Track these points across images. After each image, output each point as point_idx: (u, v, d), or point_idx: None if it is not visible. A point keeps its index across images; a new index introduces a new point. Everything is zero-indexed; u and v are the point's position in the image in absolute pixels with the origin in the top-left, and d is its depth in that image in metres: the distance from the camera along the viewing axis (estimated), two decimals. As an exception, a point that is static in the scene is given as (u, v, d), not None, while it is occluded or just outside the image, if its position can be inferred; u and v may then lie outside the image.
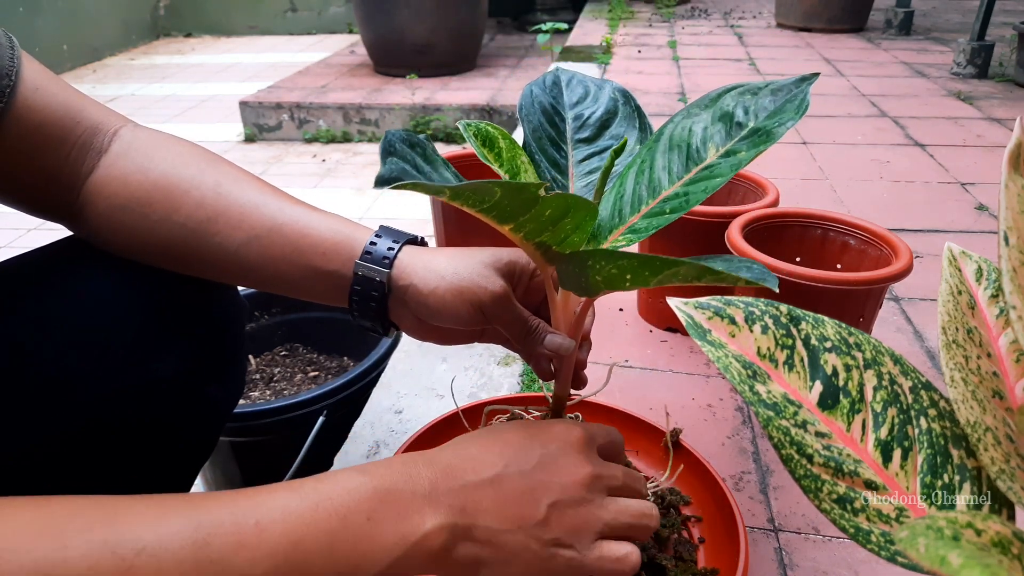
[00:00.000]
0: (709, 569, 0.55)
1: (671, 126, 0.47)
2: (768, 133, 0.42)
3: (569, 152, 0.52)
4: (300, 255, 0.50)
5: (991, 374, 0.32)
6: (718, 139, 0.44)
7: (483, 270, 0.48)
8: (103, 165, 0.49)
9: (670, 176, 0.45)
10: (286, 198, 0.52)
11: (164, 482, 0.64)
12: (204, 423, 0.63)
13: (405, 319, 0.52)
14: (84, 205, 0.50)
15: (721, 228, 0.78)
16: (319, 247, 0.50)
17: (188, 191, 0.49)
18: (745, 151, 0.43)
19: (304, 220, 0.50)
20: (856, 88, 2.32)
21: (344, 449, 0.76)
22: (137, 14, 5.05)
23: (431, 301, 0.48)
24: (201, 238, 0.49)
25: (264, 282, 0.51)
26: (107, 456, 0.56)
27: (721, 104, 0.46)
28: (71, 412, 0.50)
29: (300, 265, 0.50)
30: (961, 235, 1.29)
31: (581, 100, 0.54)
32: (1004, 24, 3.10)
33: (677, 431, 0.67)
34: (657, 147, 0.47)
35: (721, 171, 0.43)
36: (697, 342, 0.34)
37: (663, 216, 0.43)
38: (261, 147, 3.01)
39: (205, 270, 0.52)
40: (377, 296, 0.49)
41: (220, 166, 0.52)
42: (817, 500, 0.30)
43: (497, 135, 0.46)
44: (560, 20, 3.11)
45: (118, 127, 0.51)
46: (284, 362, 1.16)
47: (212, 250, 0.50)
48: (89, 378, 0.50)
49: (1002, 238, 0.26)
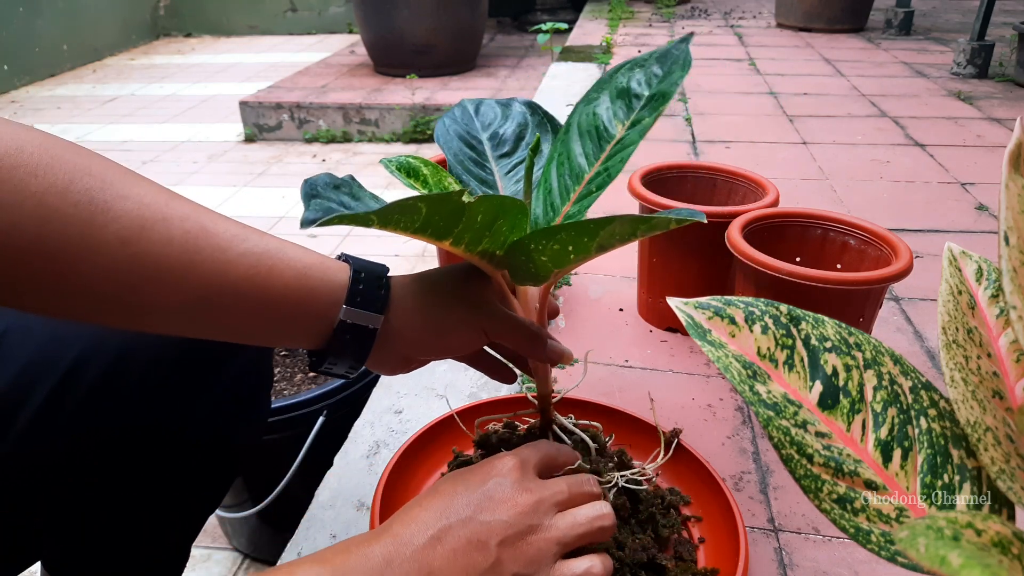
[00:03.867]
0: (709, 569, 0.55)
1: (576, 116, 0.49)
2: (663, 95, 0.44)
3: (493, 168, 0.54)
4: (266, 309, 0.41)
5: (991, 374, 0.32)
6: (622, 114, 0.46)
7: (472, 292, 0.47)
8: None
9: (588, 160, 0.47)
10: (228, 228, 0.40)
11: (177, 519, 0.64)
12: (229, 454, 0.63)
13: (386, 358, 0.48)
14: None
15: (721, 228, 0.78)
16: (289, 298, 0.42)
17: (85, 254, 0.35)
18: (648, 116, 0.44)
19: (266, 264, 0.41)
20: (856, 88, 2.32)
21: (344, 449, 0.76)
22: (137, 14, 5.05)
23: (437, 341, 0.46)
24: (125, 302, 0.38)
25: (217, 336, 0.43)
26: (117, 484, 0.56)
27: (615, 83, 0.47)
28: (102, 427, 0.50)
29: (267, 319, 0.42)
30: (961, 235, 1.29)
31: (492, 121, 0.57)
32: (1004, 24, 3.10)
33: (677, 431, 0.67)
34: (570, 137, 0.48)
35: (631, 139, 0.45)
36: (697, 342, 0.34)
37: (591, 196, 0.46)
38: (261, 147, 3.01)
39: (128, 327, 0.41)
40: (368, 343, 0.45)
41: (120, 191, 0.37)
42: (817, 500, 0.30)
43: (419, 164, 0.50)
44: (560, 20, 3.11)
45: None
46: (284, 362, 1.16)
47: (140, 313, 0.39)
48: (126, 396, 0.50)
49: (1002, 238, 0.26)
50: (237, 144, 3.05)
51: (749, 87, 2.34)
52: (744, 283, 0.75)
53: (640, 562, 0.54)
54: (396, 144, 3.01)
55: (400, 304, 0.46)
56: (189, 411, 0.55)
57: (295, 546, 0.64)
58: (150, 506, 0.59)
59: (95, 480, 0.53)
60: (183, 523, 0.65)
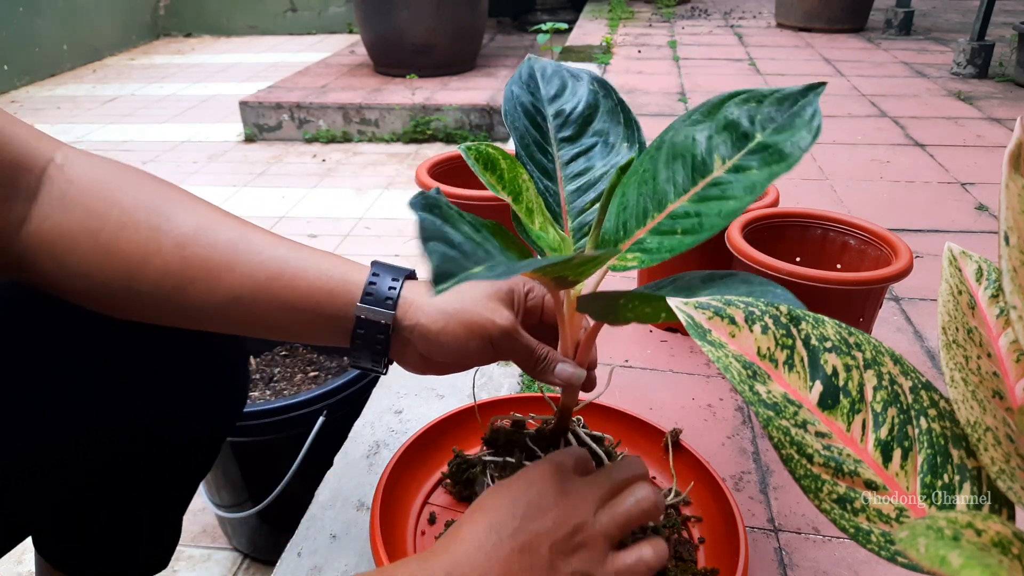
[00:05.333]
0: (709, 569, 0.55)
1: (671, 133, 0.45)
2: (780, 152, 0.39)
3: (555, 154, 0.51)
4: (291, 307, 0.46)
5: (991, 374, 0.32)
6: (723, 150, 0.42)
7: (487, 302, 0.48)
8: (37, 217, 0.42)
9: (675, 188, 0.43)
10: (266, 238, 0.47)
11: (166, 491, 0.64)
12: (207, 432, 0.63)
13: (408, 356, 0.50)
14: (24, 260, 0.43)
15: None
16: (312, 296, 0.46)
17: (150, 255, 0.43)
18: (757, 169, 0.40)
19: (292, 267, 0.46)
20: (856, 88, 2.32)
21: (344, 449, 0.76)
22: (137, 14, 5.05)
23: (441, 339, 0.47)
24: (174, 301, 0.45)
25: (252, 332, 0.48)
26: (110, 466, 0.56)
27: (724, 112, 0.43)
28: (72, 423, 0.50)
29: (293, 316, 0.47)
30: (961, 235, 1.29)
31: (560, 93, 0.53)
32: (1004, 24, 3.10)
33: (677, 431, 0.67)
34: (659, 156, 0.45)
35: (734, 192, 0.40)
36: (697, 342, 0.34)
37: (675, 236, 0.42)
38: (261, 147, 3.01)
39: (179, 324, 0.48)
40: (382, 339, 0.47)
41: (182, 206, 0.45)
42: (817, 500, 0.30)
43: (498, 156, 0.46)
44: (560, 20, 3.11)
45: (44, 165, 0.43)
46: (284, 362, 1.16)
47: (188, 310, 0.45)
48: (88, 406, 0.50)
49: (1002, 238, 0.26)
50: (237, 144, 3.05)
51: (749, 87, 2.34)
52: (744, 283, 0.75)
53: (640, 562, 0.54)
54: (396, 144, 3.01)
55: (413, 304, 0.48)
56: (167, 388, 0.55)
57: (295, 546, 0.64)
58: (137, 482, 0.60)
59: (82, 461, 0.53)
60: (173, 495, 0.65)
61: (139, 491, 0.61)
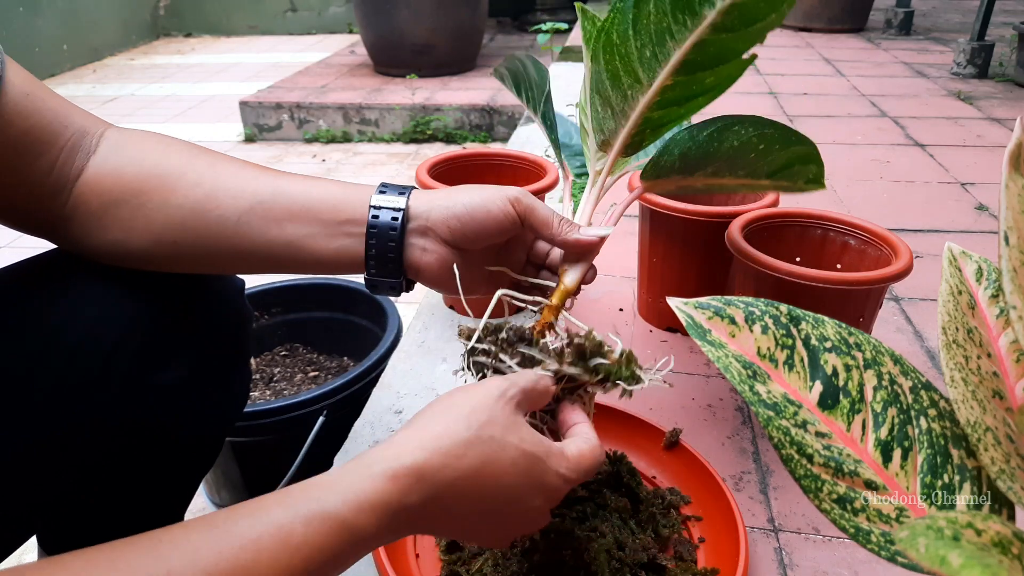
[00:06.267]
0: (709, 569, 0.55)
1: None
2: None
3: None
4: (306, 212, 0.50)
5: (991, 374, 0.32)
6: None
7: (496, 188, 0.51)
8: (93, 164, 0.49)
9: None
10: (281, 171, 0.52)
11: (168, 488, 0.64)
12: (208, 430, 0.63)
13: (426, 254, 0.51)
14: (75, 208, 0.49)
15: (721, 228, 0.78)
16: (327, 200, 0.50)
17: (184, 173, 0.49)
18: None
19: (305, 183, 0.51)
20: (856, 88, 2.32)
21: (344, 449, 0.76)
22: (137, 14, 5.05)
23: (463, 200, 0.50)
24: (200, 216, 0.49)
25: (268, 256, 0.50)
26: (111, 463, 0.56)
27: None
28: (74, 420, 0.50)
29: (307, 222, 0.50)
30: (961, 235, 1.29)
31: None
32: (1004, 24, 3.10)
33: (677, 431, 0.67)
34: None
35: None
36: (697, 342, 0.34)
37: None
38: (261, 147, 3.01)
39: (202, 257, 0.51)
40: (396, 233, 0.49)
41: (211, 152, 0.52)
42: (817, 500, 0.30)
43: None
44: (560, 20, 3.11)
45: (104, 129, 0.51)
46: (284, 362, 1.17)
47: (211, 228, 0.49)
48: (91, 387, 0.50)
49: (1002, 238, 0.26)
50: (237, 144, 3.05)
51: (749, 87, 2.34)
52: (744, 283, 0.75)
53: (640, 562, 0.54)
54: (396, 144, 3.01)
55: (425, 194, 0.52)
56: (164, 372, 0.55)
57: (295, 546, 0.64)
58: (139, 479, 0.60)
59: (84, 456, 0.53)
60: (174, 492, 0.65)
61: (141, 488, 0.61)
